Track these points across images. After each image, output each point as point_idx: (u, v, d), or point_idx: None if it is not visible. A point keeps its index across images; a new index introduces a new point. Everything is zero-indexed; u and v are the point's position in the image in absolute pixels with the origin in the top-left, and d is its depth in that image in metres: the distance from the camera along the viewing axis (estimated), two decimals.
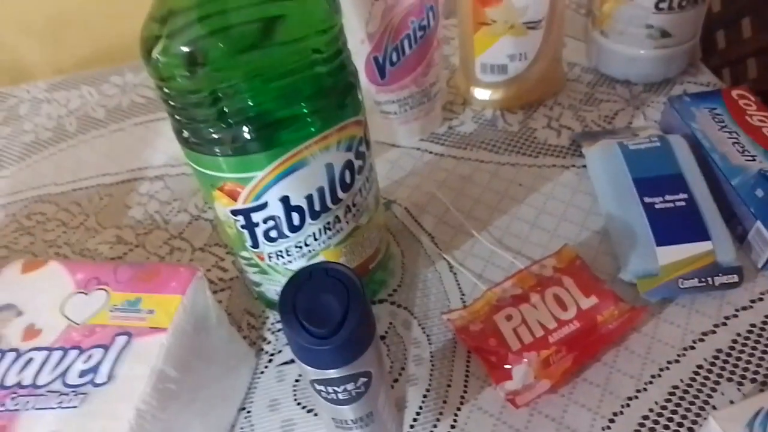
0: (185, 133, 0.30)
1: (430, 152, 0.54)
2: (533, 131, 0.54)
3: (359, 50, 0.48)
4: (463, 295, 0.43)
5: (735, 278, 0.40)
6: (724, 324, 0.39)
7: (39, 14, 0.70)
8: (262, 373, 0.40)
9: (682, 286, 0.40)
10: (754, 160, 0.44)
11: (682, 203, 0.42)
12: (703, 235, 0.41)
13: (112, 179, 0.55)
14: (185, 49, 0.27)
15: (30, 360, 0.30)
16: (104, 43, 0.72)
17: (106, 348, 0.30)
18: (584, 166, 0.50)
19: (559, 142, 0.53)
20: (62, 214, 0.53)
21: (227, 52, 0.27)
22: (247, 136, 0.29)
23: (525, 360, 0.36)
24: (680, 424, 0.35)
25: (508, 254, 0.44)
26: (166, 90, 0.29)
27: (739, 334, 0.38)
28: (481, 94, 0.57)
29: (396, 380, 0.38)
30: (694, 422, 0.35)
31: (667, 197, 0.43)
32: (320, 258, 0.36)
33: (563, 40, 0.58)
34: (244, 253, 0.36)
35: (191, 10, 0.28)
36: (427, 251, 0.46)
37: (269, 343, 0.41)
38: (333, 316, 0.25)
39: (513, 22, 0.51)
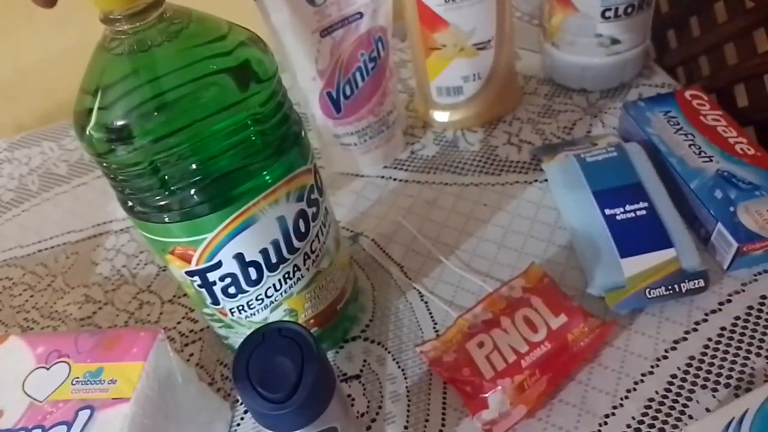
0: (130, 203, 0.30)
1: (394, 179, 0.54)
2: (494, 149, 0.55)
3: (311, 87, 0.48)
4: (435, 323, 0.43)
5: (701, 283, 0.40)
6: (695, 330, 0.39)
7: None
8: (238, 425, 0.39)
9: (649, 296, 0.40)
10: (711, 160, 0.45)
11: (643, 212, 0.43)
12: (665, 242, 0.41)
13: (77, 236, 0.55)
14: (118, 123, 0.27)
15: None
16: (63, 95, 0.72)
17: (69, 425, 0.30)
18: (546, 180, 0.50)
19: (520, 158, 0.53)
20: (29, 277, 0.52)
21: (162, 122, 0.27)
22: (194, 199, 0.29)
23: (499, 387, 0.36)
24: None
25: (477, 278, 0.44)
26: (104, 164, 0.29)
27: (710, 339, 0.38)
28: (440, 116, 0.57)
29: (374, 420, 0.38)
30: None
31: (628, 207, 0.43)
32: (284, 307, 0.36)
33: (516, 55, 0.59)
34: (206, 310, 0.36)
35: (120, 82, 0.27)
36: (397, 282, 0.46)
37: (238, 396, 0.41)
38: (288, 378, 0.24)
39: (462, 45, 0.51)
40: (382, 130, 0.53)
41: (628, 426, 0.35)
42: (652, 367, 0.38)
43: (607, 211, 0.43)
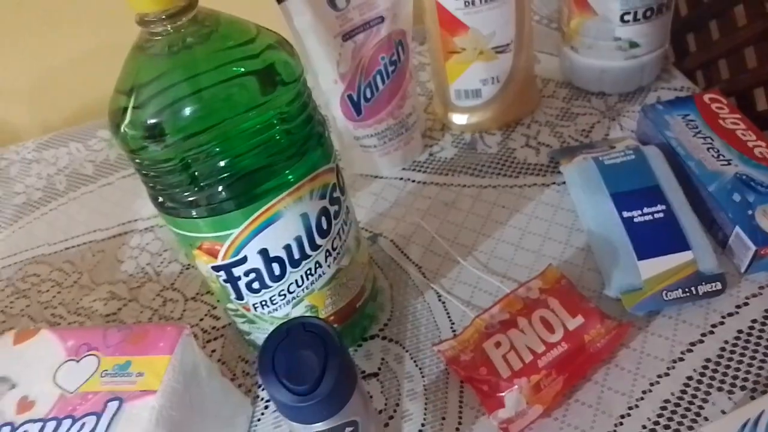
0: (160, 199, 0.31)
1: (413, 181, 0.55)
2: (512, 151, 0.55)
3: (333, 90, 0.49)
4: (452, 323, 0.43)
5: (718, 286, 0.40)
6: (711, 332, 0.39)
7: (24, 81, 0.71)
8: (258, 420, 0.40)
9: (666, 298, 0.40)
10: (729, 164, 0.45)
11: (661, 215, 0.43)
12: (683, 245, 0.41)
13: (103, 235, 0.56)
14: (152, 120, 0.28)
15: None
16: (90, 97, 0.73)
17: (98, 415, 0.31)
18: (564, 183, 0.51)
19: (538, 161, 0.54)
20: (56, 274, 0.53)
21: (192, 121, 0.28)
22: (221, 196, 0.30)
23: (516, 386, 0.37)
24: None
25: (494, 279, 0.45)
26: (137, 161, 0.30)
27: (726, 342, 0.39)
28: (459, 119, 0.58)
29: (391, 417, 0.39)
30: None
31: (646, 210, 0.43)
32: (305, 303, 0.36)
33: (534, 58, 0.59)
34: (230, 305, 0.37)
35: (154, 82, 0.29)
36: (416, 282, 0.46)
37: (264, 389, 0.42)
38: (312, 371, 0.25)
39: (482, 48, 0.52)
40: (402, 132, 0.54)
41: (644, 427, 0.36)
42: (668, 368, 0.38)
43: (625, 214, 0.43)
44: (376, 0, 0.47)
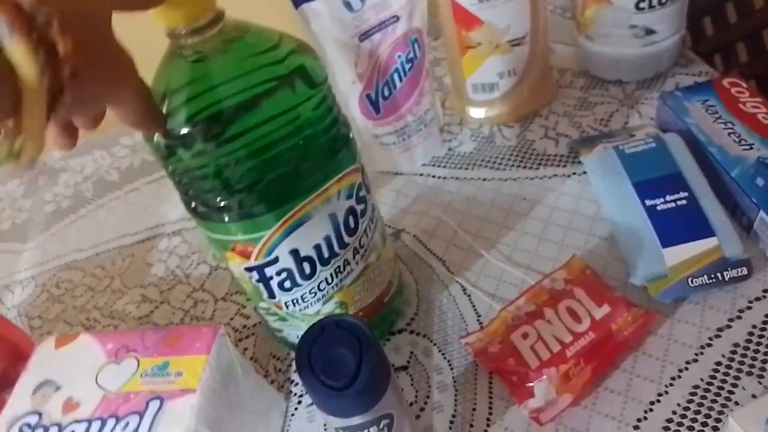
0: (193, 204, 0.32)
1: (433, 176, 0.55)
2: (531, 143, 0.55)
3: (351, 90, 0.50)
4: (479, 316, 0.44)
5: (744, 271, 0.40)
6: (739, 317, 0.39)
7: None
8: (292, 415, 0.41)
9: (692, 285, 0.40)
10: (751, 148, 0.45)
11: (684, 202, 0.43)
12: (707, 231, 0.41)
13: (132, 239, 0.58)
14: (184, 129, 0.29)
15: None
16: None
17: (140, 414, 0.32)
18: (585, 173, 0.51)
19: (557, 151, 0.54)
20: (89, 279, 0.55)
21: (223, 127, 0.29)
22: (253, 200, 0.31)
23: (545, 376, 0.37)
24: (704, 424, 0.35)
25: (519, 271, 0.45)
26: (170, 167, 0.31)
27: (754, 326, 0.39)
28: (476, 113, 0.58)
29: (422, 409, 0.39)
30: (718, 420, 0.35)
31: (668, 197, 0.43)
32: (335, 300, 0.37)
33: (550, 49, 0.59)
34: (263, 304, 0.38)
35: (185, 90, 0.29)
36: (440, 276, 0.47)
37: (297, 384, 0.43)
38: (348, 366, 0.26)
39: (497, 42, 0.52)
40: (420, 128, 0.55)
41: (674, 413, 0.36)
42: (696, 354, 0.38)
43: (648, 202, 0.43)
44: (391, 0, 0.47)
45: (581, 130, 0.55)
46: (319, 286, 0.36)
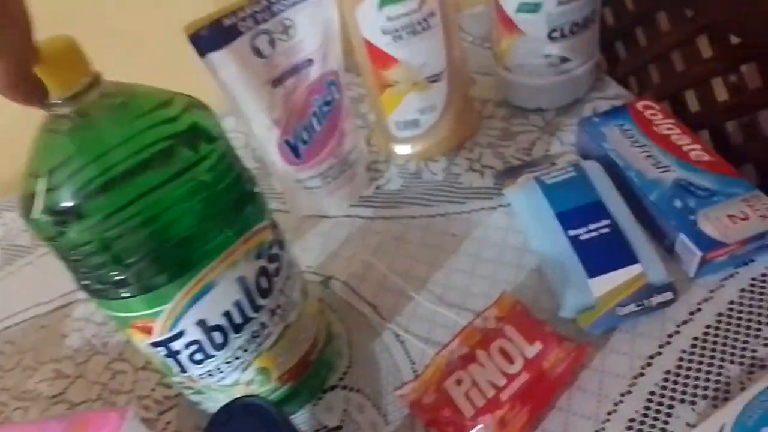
0: (85, 282, 0.30)
1: (361, 217, 0.54)
2: (457, 177, 0.55)
3: (269, 137, 0.48)
4: (413, 363, 0.42)
5: (669, 295, 0.40)
6: (668, 343, 0.39)
7: None
8: None
9: (620, 314, 0.40)
10: (668, 170, 0.45)
11: (606, 230, 0.43)
12: (631, 258, 0.41)
13: (45, 308, 0.54)
14: (67, 204, 0.26)
15: None
16: (21, 165, 0.71)
17: None
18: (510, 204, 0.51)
19: (483, 184, 0.54)
20: None
21: (112, 198, 0.27)
22: (149, 271, 0.29)
23: (481, 425, 0.36)
24: None
25: (451, 311, 0.44)
26: (54, 247, 0.28)
27: (684, 351, 0.39)
28: (402, 149, 0.58)
29: None
30: None
31: (591, 226, 0.43)
32: (255, 366, 0.35)
33: (472, 81, 0.59)
34: (176, 379, 0.35)
35: (67, 162, 0.27)
36: (372, 323, 0.45)
37: None
38: None
39: (414, 80, 0.52)
40: (345, 169, 0.54)
41: None
42: (630, 385, 0.38)
43: (571, 232, 0.43)
44: (303, 44, 0.46)
45: (505, 160, 0.55)
46: (235, 355, 0.34)
